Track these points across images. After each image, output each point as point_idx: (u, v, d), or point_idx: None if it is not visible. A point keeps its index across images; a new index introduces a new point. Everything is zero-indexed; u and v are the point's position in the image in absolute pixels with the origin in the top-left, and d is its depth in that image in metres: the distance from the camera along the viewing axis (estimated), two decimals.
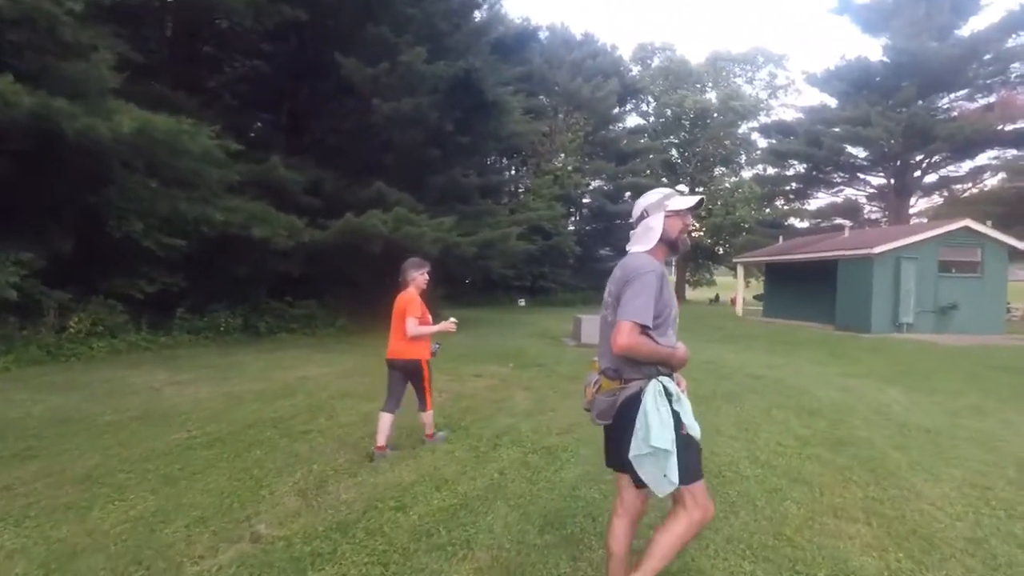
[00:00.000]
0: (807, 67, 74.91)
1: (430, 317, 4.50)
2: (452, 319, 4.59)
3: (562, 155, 32.64)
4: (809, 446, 4.73)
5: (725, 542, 2.96)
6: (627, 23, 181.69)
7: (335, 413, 5.58)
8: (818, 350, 11.66)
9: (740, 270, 25.23)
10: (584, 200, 36.31)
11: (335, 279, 14.90)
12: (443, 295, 25.26)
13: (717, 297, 40.58)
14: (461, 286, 29.17)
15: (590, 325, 12.52)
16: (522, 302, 27.61)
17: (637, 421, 2.07)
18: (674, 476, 2.01)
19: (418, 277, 4.53)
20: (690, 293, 45.30)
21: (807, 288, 19.24)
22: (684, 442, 2.07)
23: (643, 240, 2.29)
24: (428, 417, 4.64)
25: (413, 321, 4.30)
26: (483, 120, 12.84)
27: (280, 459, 4.17)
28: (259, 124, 15.31)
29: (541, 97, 33.46)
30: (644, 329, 2.07)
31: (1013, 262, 17.41)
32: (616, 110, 40.12)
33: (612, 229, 37.17)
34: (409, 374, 4.52)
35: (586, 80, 34.09)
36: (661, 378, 2.14)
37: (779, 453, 4.49)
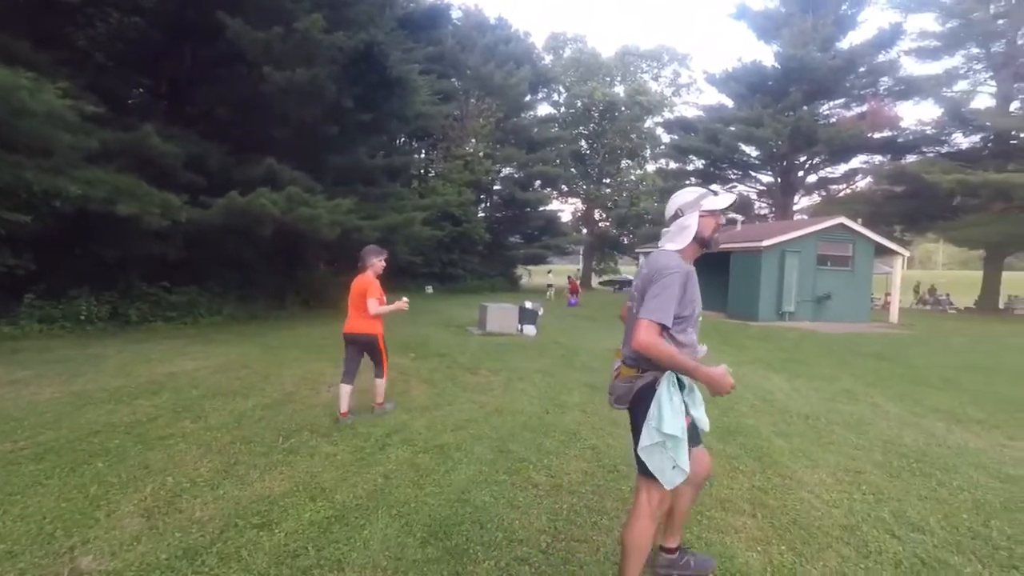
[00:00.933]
0: (708, 67, 78.72)
1: (384, 298, 5.10)
2: (404, 299, 5.29)
3: (473, 140, 32.24)
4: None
5: (616, 544, 2.83)
6: (540, 11, 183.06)
7: (204, 414, 4.98)
8: (710, 338, 12.19)
9: (642, 260, 26.12)
10: (495, 187, 36.18)
11: (222, 263, 13.76)
12: (345, 282, 24.32)
13: (621, 286, 42.04)
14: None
15: (495, 314, 12.38)
16: (430, 289, 27.09)
17: (651, 409, 2.15)
18: (685, 464, 2.11)
19: (376, 263, 5.08)
20: (596, 282, 46.62)
21: (702, 278, 20.05)
22: (690, 432, 2.19)
23: (677, 238, 2.34)
24: (382, 385, 5.25)
25: (374, 301, 4.92)
26: (386, 98, 12.18)
27: (127, 472, 3.60)
28: (140, 90, 13.67)
29: (453, 80, 32.84)
30: (663, 328, 2.13)
31: (877, 257, 19.21)
32: (528, 98, 40.18)
33: (522, 217, 37.36)
34: (367, 347, 5.16)
35: (499, 66, 33.78)
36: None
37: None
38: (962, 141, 27.68)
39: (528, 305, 12.92)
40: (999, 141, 25.25)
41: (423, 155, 36.92)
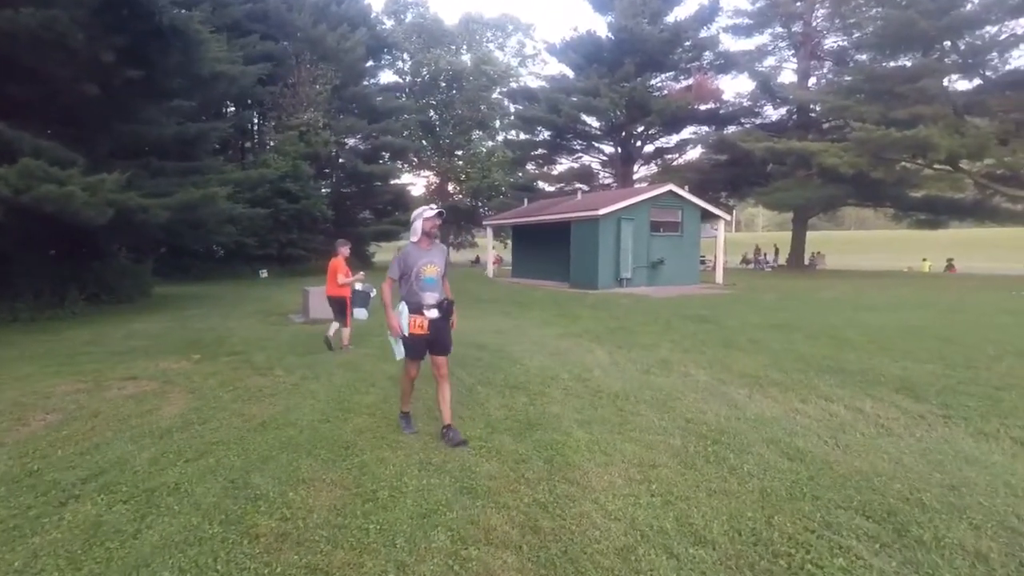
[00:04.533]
0: (550, 38, 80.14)
1: (351, 272, 7.71)
2: (361, 272, 7.62)
3: (310, 109, 29.48)
4: (496, 433, 4.19)
5: None
6: None
7: None
8: (548, 310, 11.97)
9: (489, 232, 25.81)
10: (340, 161, 33.73)
11: None
12: (156, 269, 21.15)
13: (477, 259, 41.76)
14: (189, 258, 24.90)
15: (318, 299, 11.11)
16: (264, 273, 24.61)
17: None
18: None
19: (342, 250, 7.81)
20: (454, 255, 45.94)
21: (547, 249, 20.28)
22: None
23: (414, 236, 4.08)
24: (347, 333, 7.71)
25: (342, 276, 7.61)
26: (162, 52, 10.04)
27: None
28: None
29: (284, 43, 29.72)
30: (392, 281, 4.09)
31: (706, 221, 20.47)
32: (369, 63, 37.79)
33: (370, 192, 35.32)
34: (339, 304, 7.68)
35: (331, 28, 31.15)
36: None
37: (457, 454, 3.81)
38: (772, 113, 30.60)
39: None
40: (801, 113, 28.16)
41: (255, 125, 33.40)
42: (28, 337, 9.10)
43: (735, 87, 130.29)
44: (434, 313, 4.01)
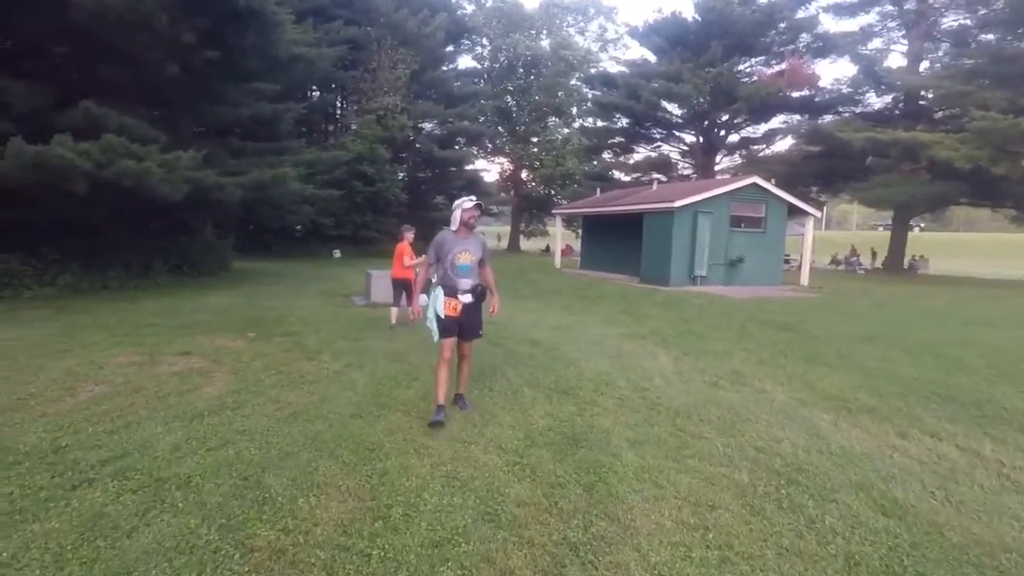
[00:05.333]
0: (633, 20, 77.48)
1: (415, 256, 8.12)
2: (424, 256, 5.53)
3: (386, 91, 29.84)
4: (535, 447, 3.77)
5: None
6: None
7: None
8: (614, 306, 11.35)
9: (559, 221, 25.23)
10: (416, 145, 34.08)
11: (64, 227, 11.66)
12: (240, 246, 22.14)
13: (548, 248, 41.22)
14: (271, 235, 25.96)
15: (381, 282, 11.06)
16: (337, 253, 25.20)
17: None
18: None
19: (407, 234, 8.32)
20: (525, 244, 45.61)
21: (618, 241, 19.49)
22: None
23: (452, 222, 4.29)
24: (396, 312, 8.26)
25: (407, 259, 8.05)
26: (239, 33, 10.20)
27: None
28: None
29: (368, 28, 30.16)
30: (429, 264, 4.43)
31: (792, 218, 18.98)
32: (449, 48, 37.87)
33: (445, 176, 35.50)
34: (405, 286, 8.02)
35: (412, 13, 31.32)
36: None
37: (488, 468, 3.42)
38: (875, 101, 27.99)
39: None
40: (909, 101, 25.54)
41: (338, 108, 34.30)
42: (109, 305, 9.55)
43: (833, 72, 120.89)
44: (468, 298, 4.28)
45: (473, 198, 4.31)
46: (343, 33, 27.32)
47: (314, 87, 31.66)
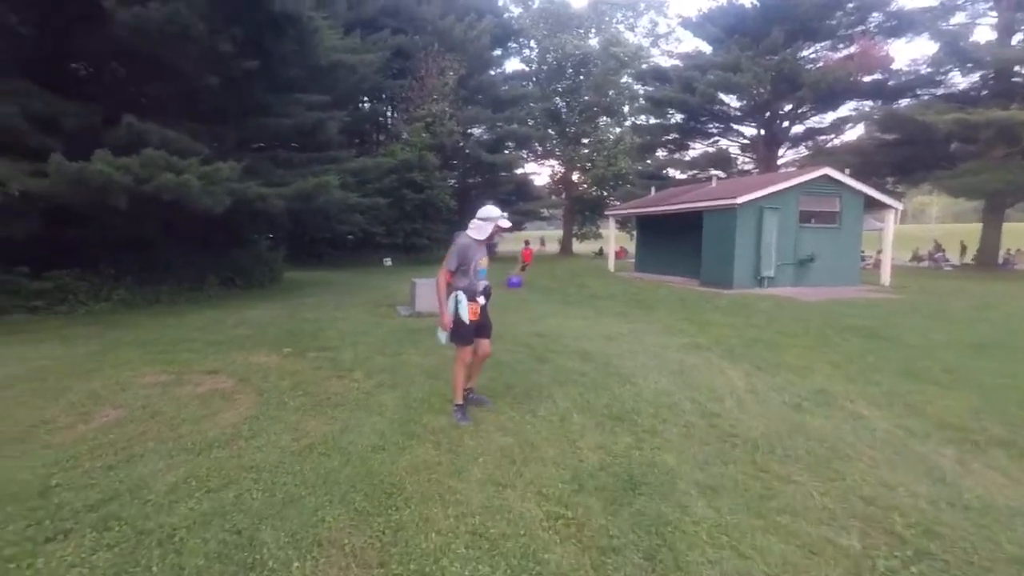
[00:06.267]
0: (685, 12, 75.13)
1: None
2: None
3: (435, 98, 29.79)
4: (583, 492, 3.13)
5: None
6: None
7: None
8: (672, 312, 10.49)
9: (612, 222, 24.31)
10: (466, 152, 33.91)
11: (119, 242, 11.85)
12: (293, 256, 22.42)
13: (601, 251, 40.17)
14: (323, 245, 26.30)
15: (426, 291, 10.64)
16: (388, 262, 25.20)
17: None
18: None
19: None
20: (578, 247, 44.69)
21: (675, 242, 18.46)
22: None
23: (479, 231, 4.31)
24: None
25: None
26: (276, 40, 10.03)
27: None
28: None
29: (416, 37, 30.21)
30: (450, 272, 4.24)
31: (867, 211, 17.41)
32: (497, 52, 37.60)
33: (495, 181, 35.17)
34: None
35: (459, 18, 31.19)
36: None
37: (524, 522, 2.79)
38: (960, 81, 25.58)
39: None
40: (1000, 79, 23.15)
41: (388, 117, 34.57)
42: (155, 320, 9.51)
43: (908, 53, 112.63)
44: (483, 299, 4.40)
45: (507, 214, 4.51)
46: (391, 42, 27.44)
47: (364, 98, 32.00)
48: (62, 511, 2.96)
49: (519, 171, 37.27)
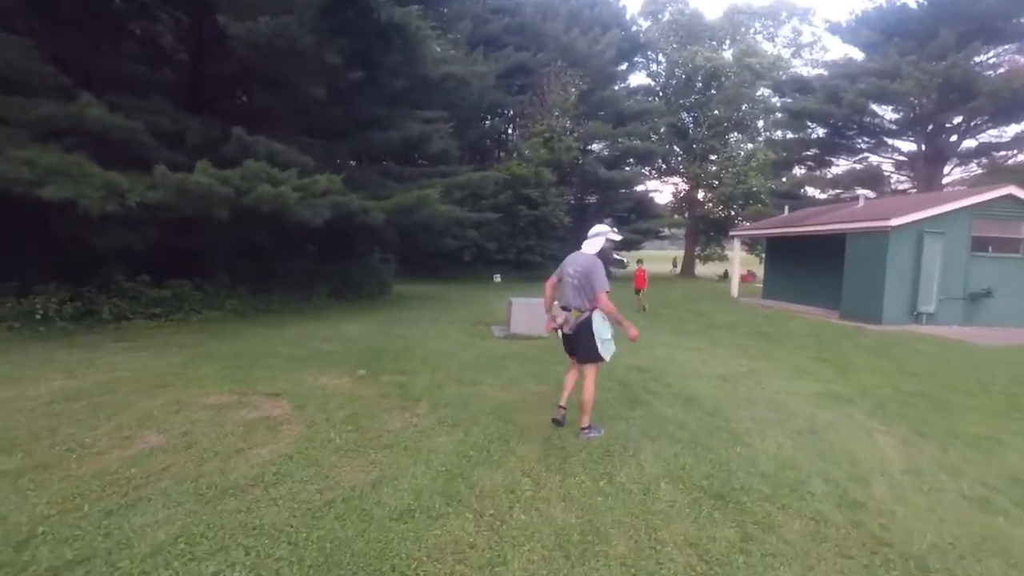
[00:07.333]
0: (833, 17, 69.03)
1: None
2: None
3: (556, 115, 29.45)
4: None
5: None
6: None
7: None
8: (804, 350, 8.94)
9: (737, 244, 22.28)
10: (587, 169, 33.19)
11: (236, 253, 12.52)
12: (408, 269, 22.94)
13: (726, 274, 37.39)
14: (439, 259, 26.75)
15: (522, 311, 10.02)
16: (497, 278, 25.00)
17: (592, 328, 4.27)
18: (606, 355, 4.35)
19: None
20: (700, 269, 42.09)
21: (811, 267, 16.34)
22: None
23: (591, 246, 4.46)
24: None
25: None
26: (383, 51, 10.02)
27: None
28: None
29: (538, 55, 30.20)
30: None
31: None
32: (623, 66, 36.62)
33: (613, 198, 34.05)
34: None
35: (583, 32, 30.72)
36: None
37: None
38: None
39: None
40: None
41: (508, 133, 34.84)
42: (253, 330, 9.67)
43: None
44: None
45: (615, 229, 4.65)
46: (514, 59, 27.58)
47: (486, 115, 32.46)
48: (26, 572, 2.54)
49: (639, 188, 35.85)
